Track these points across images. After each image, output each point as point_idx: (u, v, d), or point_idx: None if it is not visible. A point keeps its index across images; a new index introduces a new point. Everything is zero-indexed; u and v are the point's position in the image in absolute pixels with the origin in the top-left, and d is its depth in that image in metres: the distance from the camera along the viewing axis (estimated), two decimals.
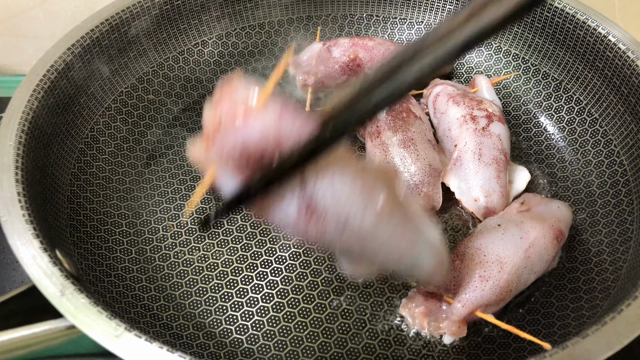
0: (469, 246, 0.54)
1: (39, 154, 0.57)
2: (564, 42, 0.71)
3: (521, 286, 0.53)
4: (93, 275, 0.55)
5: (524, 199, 0.59)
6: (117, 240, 0.60)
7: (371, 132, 0.66)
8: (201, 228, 0.61)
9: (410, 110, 0.66)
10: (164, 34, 0.75)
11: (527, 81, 0.76)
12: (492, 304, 0.51)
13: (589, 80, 0.70)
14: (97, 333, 0.41)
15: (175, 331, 0.53)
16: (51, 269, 0.45)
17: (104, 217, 0.61)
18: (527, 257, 0.53)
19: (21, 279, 0.61)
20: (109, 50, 0.68)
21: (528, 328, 0.54)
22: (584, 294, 0.55)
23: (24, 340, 0.43)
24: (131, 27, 0.70)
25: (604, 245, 0.59)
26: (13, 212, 0.48)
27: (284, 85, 0.79)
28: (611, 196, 0.63)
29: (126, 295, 0.55)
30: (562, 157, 0.70)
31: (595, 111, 0.69)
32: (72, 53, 0.63)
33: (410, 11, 0.82)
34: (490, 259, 0.52)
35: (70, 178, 0.61)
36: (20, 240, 0.46)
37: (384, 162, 0.64)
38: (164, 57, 0.76)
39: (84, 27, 0.66)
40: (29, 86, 0.58)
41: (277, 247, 0.61)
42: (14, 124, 0.55)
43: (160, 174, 0.68)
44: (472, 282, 0.51)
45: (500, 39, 0.78)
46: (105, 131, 0.68)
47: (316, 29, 0.83)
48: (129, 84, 0.72)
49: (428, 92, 0.72)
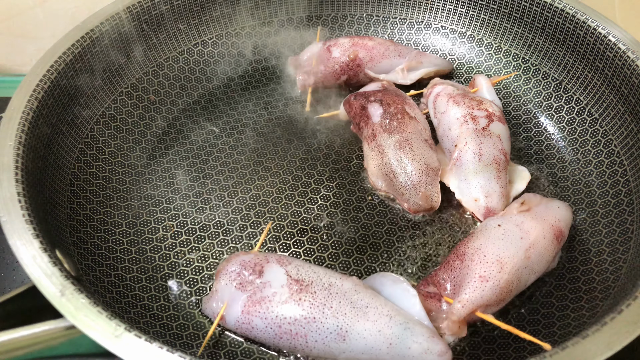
0: (469, 246, 0.54)
1: (39, 154, 0.57)
2: (564, 42, 0.71)
3: (521, 286, 0.53)
4: (93, 275, 0.55)
5: (524, 199, 0.59)
6: (117, 240, 0.60)
7: (367, 135, 0.66)
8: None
9: (405, 111, 0.66)
10: (164, 34, 0.75)
11: (527, 81, 0.76)
12: (492, 304, 0.51)
13: (589, 80, 0.70)
14: (97, 333, 0.41)
15: (175, 331, 0.53)
16: (51, 269, 0.45)
17: (104, 217, 0.61)
18: (527, 257, 0.53)
19: (21, 279, 0.61)
20: (109, 51, 0.68)
21: (528, 328, 0.54)
22: (584, 294, 0.55)
23: (24, 341, 0.43)
24: (131, 28, 0.70)
25: (604, 245, 0.59)
26: (13, 212, 0.48)
27: (284, 85, 0.79)
28: (611, 196, 0.63)
29: (126, 295, 0.55)
30: (562, 157, 0.70)
31: (595, 111, 0.69)
32: (72, 53, 0.63)
33: (410, 11, 0.82)
34: (490, 259, 0.52)
35: (70, 178, 0.61)
36: (20, 240, 0.46)
37: (380, 164, 0.64)
38: (164, 57, 0.76)
39: (84, 27, 0.66)
40: (29, 86, 0.58)
41: (277, 247, 0.61)
42: (14, 124, 0.55)
43: (160, 174, 0.67)
44: (472, 282, 0.51)
45: (501, 39, 0.78)
46: (105, 131, 0.68)
47: (316, 29, 0.83)
48: (129, 84, 0.72)
49: (428, 92, 0.72)
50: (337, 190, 0.66)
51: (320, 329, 0.48)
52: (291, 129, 0.73)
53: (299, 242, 0.61)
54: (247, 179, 0.67)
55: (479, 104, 0.67)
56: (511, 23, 0.76)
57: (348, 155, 0.70)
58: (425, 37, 0.82)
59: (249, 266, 0.52)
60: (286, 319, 0.48)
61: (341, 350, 0.48)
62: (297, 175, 0.68)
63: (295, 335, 0.48)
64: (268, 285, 0.50)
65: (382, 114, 0.66)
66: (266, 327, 0.49)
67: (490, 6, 0.77)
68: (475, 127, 0.64)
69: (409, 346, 0.47)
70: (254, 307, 0.49)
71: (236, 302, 0.50)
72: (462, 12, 0.80)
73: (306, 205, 0.64)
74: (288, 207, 0.64)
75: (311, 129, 0.73)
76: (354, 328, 0.48)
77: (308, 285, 0.50)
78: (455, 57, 0.81)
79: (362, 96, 0.69)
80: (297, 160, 0.69)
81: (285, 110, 0.76)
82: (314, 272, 0.51)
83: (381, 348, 0.48)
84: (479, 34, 0.80)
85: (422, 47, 0.82)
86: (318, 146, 0.71)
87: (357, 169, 0.68)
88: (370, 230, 0.62)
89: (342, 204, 0.65)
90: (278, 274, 0.51)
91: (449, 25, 0.81)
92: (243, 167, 0.68)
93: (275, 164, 0.69)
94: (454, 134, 0.65)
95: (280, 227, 0.62)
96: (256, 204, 0.64)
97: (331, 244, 0.61)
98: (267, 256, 0.53)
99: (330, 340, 0.48)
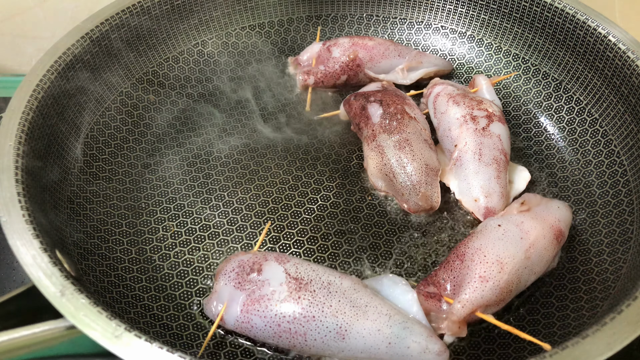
0: (469, 246, 0.54)
1: (39, 154, 0.57)
2: (564, 42, 0.71)
3: (521, 286, 0.53)
4: (93, 275, 0.55)
5: (524, 199, 0.59)
6: (117, 240, 0.60)
7: (367, 135, 0.66)
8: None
9: (405, 111, 0.66)
10: (164, 34, 0.75)
11: (527, 81, 0.76)
12: (492, 305, 0.51)
13: (589, 80, 0.70)
14: (97, 333, 0.41)
15: (175, 331, 0.53)
16: (51, 269, 0.45)
17: (104, 217, 0.61)
18: (527, 257, 0.53)
19: (21, 279, 0.61)
20: (109, 51, 0.68)
21: (528, 328, 0.54)
22: (584, 294, 0.55)
23: (24, 341, 0.43)
24: (131, 28, 0.70)
25: (604, 245, 0.59)
26: (13, 212, 0.48)
27: (285, 85, 0.79)
28: (611, 196, 0.63)
29: (126, 295, 0.55)
30: (562, 157, 0.70)
31: (595, 111, 0.69)
32: (72, 53, 0.63)
33: (410, 11, 0.82)
34: (491, 260, 0.52)
35: (70, 178, 0.61)
36: (20, 240, 0.46)
37: (380, 164, 0.64)
38: (164, 57, 0.76)
39: (84, 27, 0.66)
40: (29, 86, 0.58)
41: (277, 247, 0.61)
42: (14, 124, 0.55)
43: (160, 174, 0.67)
44: (472, 282, 0.51)
45: (501, 39, 0.78)
46: (105, 131, 0.68)
47: (316, 29, 0.83)
48: (129, 84, 0.72)
49: (428, 92, 0.72)
50: (337, 190, 0.66)
51: (320, 328, 0.48)
52: (291, 129, 0.73)
53: (298, 242, 0.61)
54: (247, 179, 0.67)
55: (479, 104, 0.67)
56: (511, 23, 0.76)
57: (348, 155, 0.70)
58: (425, 37, 0.82)
59: (248, 265, 0.52)
60: (285, 318, 0.48)
61: (340, 349, 0.48)
62: (297, 175, 0.68)
63: (294, 334, 0.48)
64: (267, 284, 0.50)
65: (382, 114, 0.66)
66: (265, 326, 0.49)
67: (490, 6, 0.77)
68: (475, 127, 0.64)
69: (408, 345, 0.47)
70: (253, 306, 0.49)
71: (235, 301, 0.50)
72: (462, 12, 0.80)
73: (306, 205, 0.64)
74: (288, 207, 0.64)
75: (311, 129, 0.73)
76: (354, 327, 0.48)
77: (307, 283, 0.50)
78: (455, 57, 0.81)
79: (362, 96, 0.69)
80: (297, 160, 0.69)
81: (285, 111, 0.76)
82: (313, 271, 0.51)
83: (380, 347, 0.48)
84: (479, 34, 0.80)
85: (422, 47, 0.82)
86: (318, 146, 0.71)
87: (357, 169, 0.68)
88: (370, 231, 0.62)
89: (342, 204, 0.65)
90: (277, 272, 0.51)
91: (449, 25, 0.81)
92: (243, 167, 0.68)
93: (275, 163, 0.69)
94: (454, 134, 0.65)
95: (280, 227, 0.62)
96: (256, 204, 0.64)
97: (331, 244, 0.61)
98: (265, 255, 0.53)
99: (329, 339, 0.48)
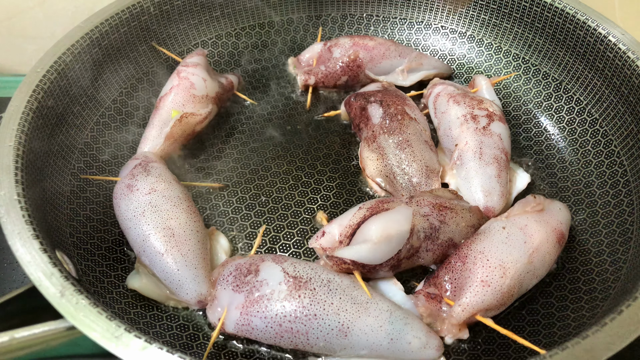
0: (471, 249, 0.53)
1: (39, 153, 0.57)
2: (564, 42, 0.71)
3: (523, 290, 0.53)
4: (93, 276, 0.55)
5: (528, 200, 0.58)
6: (117, 241, 0.60)
7: (367, 137, 0.66)
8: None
9: (405, 112, 0.66)
10: (164, 34, 0.75)
11: (527, 81, 0.76)
12: (493, 309, 0.51)
13: (589, 81, 0.70)
14: (97, 334, 0.41)
15: (175, 332, 0.53)
16: (51, 269, 0.45)
17: (104, 217, 0.61)
18: (530, 262, 0.52)
19: (21, 280, 0.61)
20: (109, 51, 0.68)
21: (528, 329, 0.54)
22: (584, 294, 0.55)
23: (24, 341, 0.43)
24: (131, 28, 0.70)
25: (604, 245, 0.59)
26: (13, 212, 0.48)
27: (285, 85, 0.79)
28: (611, 196, 0.63)
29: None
30: (562, 157, 0.70)
31: (595, 111, 0.69)
32: (72, 53, 0.63)
33: (410, 11, 0.82)
34: (493, 264, 0.51)
35: (70, 178, 0.61)
36: (20, 241, 0.46)
37: (380, 165, 0.64)
38: (164, 57, 0.76)
39: (84, 27, 0.66)
40: (29, 86, 0.58)
41: (277, 248, 0.61)
42: (14, 124, 0.55)
43: None
44: (474, 286, 0.51)
45: (501, 39, 0.78)
46: (105, 131, 0.68)
47: (316, 29, 0.83)
48: (129, 84, 0.72)
49: (428, 92, 0.72)
50: (337, 190, 0.66)
51: (322, 326, 0.48)
52: (291, 129, 0.73)
53: (298, 242, 0.61)
54: (247, 178, 0.67)
55: (480, 103, 0.67)
56: (511, 23, 0.76)
57: (348, 155, 0.70)
58: (425, 37, 0.82)
59: (245, 267, 0.51)
60: (286, 317, 0.48)
61: (342, 346, 0.48)
62: (297, 175, 0.68)
63: (296, 333, 0.48)
64: (265, 284, 0.49)
65: (382, 115, 0.66)
66: (266, 327, 0.48)
67: (490, 6, 0.77)
68: (476, 127, 0.64)
69: (409, 341, 0.48)
70: (252, 307, 0.49)
71: (233, 304, 0.50)
72: (462, 12, 0.80)
73: (306, 205, 0.64)
74: (288, 207, 0.64)
75: (311, 129, 0.73)
76: (356, 324, 0.48)
77: (307, 281, 0.49)
78: (455, 57, 0.81)
79: (362, 97, 0.69)
80: (297, 160, 0.69)
81: (286, 111, 0.76)
82: (312, 269, 0.51)
83: (382, 343, 0.48)
84: (479, 34, 0.80)
85: (422, 47, 0.82)
86: (318, 146, 0.71)
87: (357, 169, 0.68)
88: None
89: (342, 204, 0.65)
90: (274, 271, 0.50)
91: (449, 25, 0.81)
92: (243, 167, 0.68)
93: (275, 163, 0.69)
94: (454, 134, 0.65)
95: (280, 228, 0.62)
96: (256, 204, 0.64)
97: None
98: (262, 256, 0.53)
99: (332, 336, 0.48)
